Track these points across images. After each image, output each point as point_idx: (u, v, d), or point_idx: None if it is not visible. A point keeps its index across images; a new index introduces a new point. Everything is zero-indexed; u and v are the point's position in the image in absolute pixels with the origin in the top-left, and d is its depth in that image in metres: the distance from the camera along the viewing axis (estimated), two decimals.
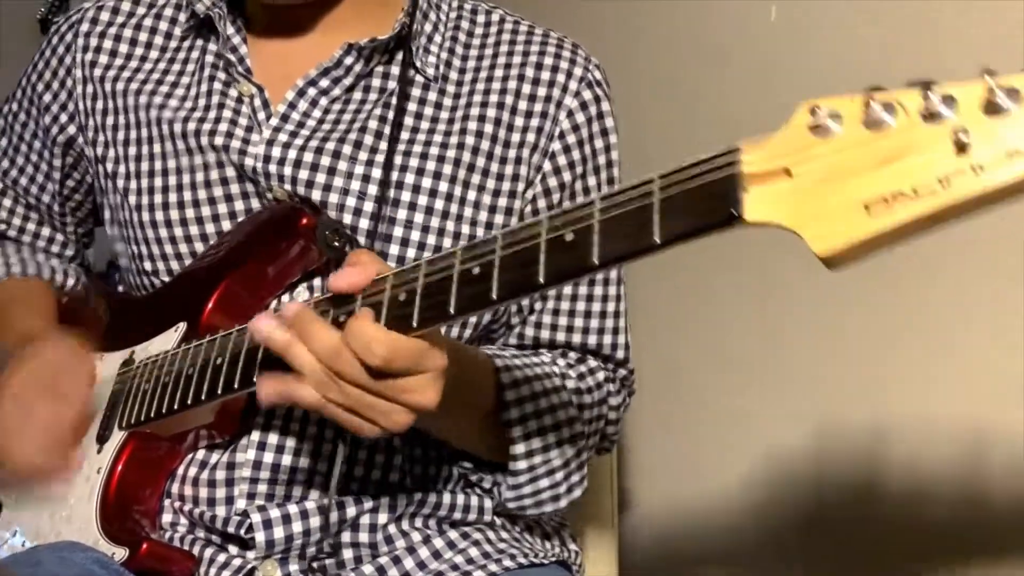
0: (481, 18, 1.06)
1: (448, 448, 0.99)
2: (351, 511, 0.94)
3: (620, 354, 1.07)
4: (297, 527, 0.92)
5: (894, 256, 0.62)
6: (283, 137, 0.98)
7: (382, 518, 0.96)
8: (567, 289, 1.04)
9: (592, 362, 1.04)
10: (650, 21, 1.61)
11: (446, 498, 0.99)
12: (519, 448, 0.94)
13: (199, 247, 1.00)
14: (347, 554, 0.94)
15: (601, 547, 1.26)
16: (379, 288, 0.79)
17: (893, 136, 0.59)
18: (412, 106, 1.00)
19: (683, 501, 1.50)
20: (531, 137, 1.01)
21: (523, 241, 0.72)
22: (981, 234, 1.09)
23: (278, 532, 0.92)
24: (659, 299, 1.46)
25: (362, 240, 0.96)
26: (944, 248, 1.12)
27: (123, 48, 1.07)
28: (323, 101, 1.00)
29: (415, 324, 0.76)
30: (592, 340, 1.05)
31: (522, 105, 1.01)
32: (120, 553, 0.88)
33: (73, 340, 1.03)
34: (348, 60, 0.99)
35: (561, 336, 1.04)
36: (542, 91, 1.01)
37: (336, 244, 0.94)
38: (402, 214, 0.97)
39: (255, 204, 0.99)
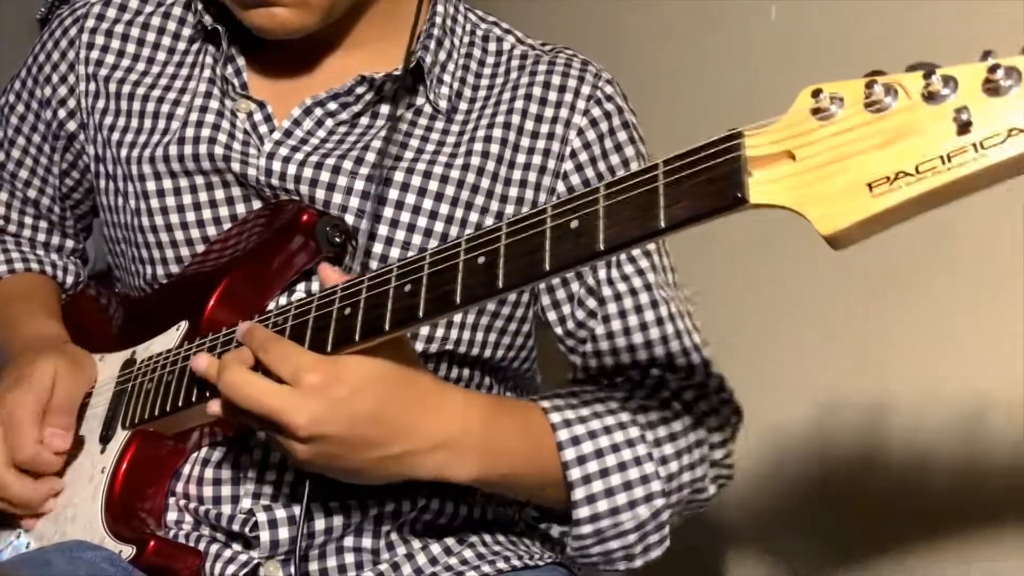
0: (492, 46, 1.04)
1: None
2: (357, 517, 0.94)
3: (701, 374, 0.98)
4: (303, 528, 0.92)
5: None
6: (283, 151, 0.97)
7: (387, 525, 0.95)
8: (627, 322, 0.98)
9: (673, 384, 0.97)
10: (650, 21, 1.61)
11: (448, 506, 0.99)
12: (583, 512, 0.89)
13: (199, 250, 1.00)
14: (348, 559, 0.94)
15: None
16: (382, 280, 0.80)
17: (895, 117, 0.60)
18: (419, 131, 0.99)
19: None
20: (538, 159, 0.99)
21: (528, 229, 0.73)
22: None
23: (283, 533, 0.92)
24: None
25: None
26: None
27: (130, 48, 1.05)
28: (329, 122, 0.99)
29: (421, 315, 0.77)
30: (666, 363, 0.97)
31: (529, 125, 1.00)
32: (127, 551, 0.88)
33: (73, 352, 1.02)
34: (360, 90, 0.98)
35: (635, 370, 0.98)
36: (549, 112, 1.00)
37: (337, 240, 0.94)
38: (400, 235, 0.96)
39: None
